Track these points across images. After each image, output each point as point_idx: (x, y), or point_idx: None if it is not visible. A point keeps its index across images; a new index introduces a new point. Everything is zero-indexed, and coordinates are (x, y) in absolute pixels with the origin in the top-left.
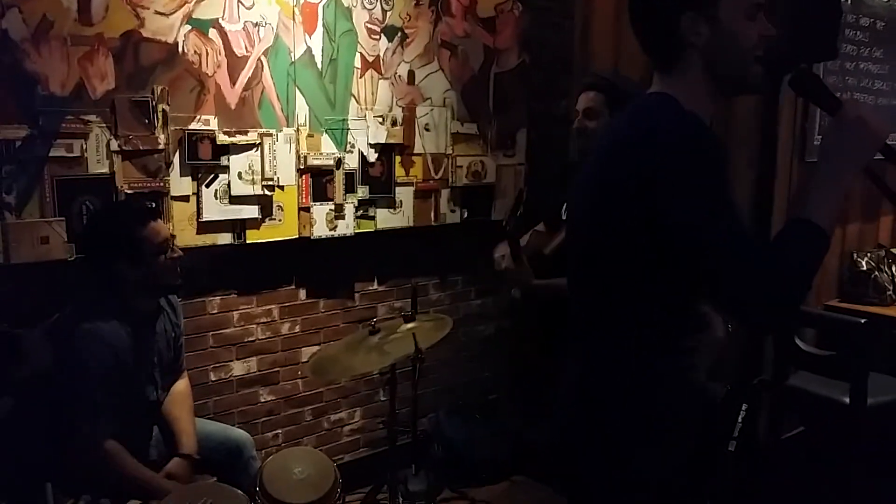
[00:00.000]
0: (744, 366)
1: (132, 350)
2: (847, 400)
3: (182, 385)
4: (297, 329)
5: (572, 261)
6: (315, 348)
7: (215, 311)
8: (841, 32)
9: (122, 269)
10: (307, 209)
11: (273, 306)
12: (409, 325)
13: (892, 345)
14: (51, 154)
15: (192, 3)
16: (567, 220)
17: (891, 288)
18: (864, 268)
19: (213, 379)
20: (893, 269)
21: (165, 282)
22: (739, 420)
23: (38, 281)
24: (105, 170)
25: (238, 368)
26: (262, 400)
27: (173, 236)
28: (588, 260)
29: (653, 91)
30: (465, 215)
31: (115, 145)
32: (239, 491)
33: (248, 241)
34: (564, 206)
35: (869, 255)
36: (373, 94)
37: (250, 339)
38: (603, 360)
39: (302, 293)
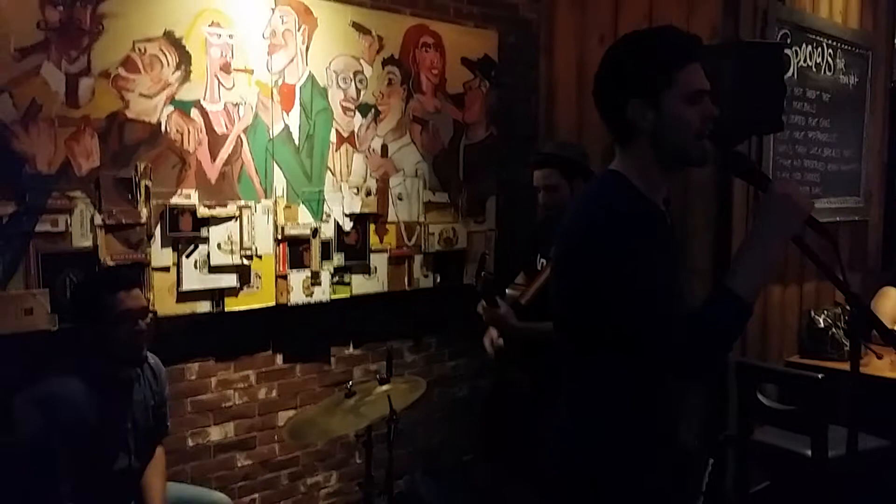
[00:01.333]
0: (709, 421)
1: (100, 415)
2: (809, 453)
3: (159, 455)
4: (274, 394)
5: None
6: (292, 412)
7: (193, 378)
8: (787, 106)
9: (99, 335)
10: (284, 277)
11: (250, 372)
12: (384, 388)
13: (851, 398)
14: (36, 229)
15: (175, 85)
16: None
17: (847, 344)
18: (822, 325)
19: (191, 445)
20: None
21: (140, 350)
22: (706, 475)
23: (23, 351)
24: (89, 243)
25: (215, 433)
26: (240, 465)
27: (150, 305)
28: (562, 318)
29: (610, 168)
30: (438, 280)
31: (98, 220)
32: None
33: (226, 309)
34: (538, 257)
35: (826, 312)
36: (348, 166)
37: (228, 404)
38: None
39: (279, 358)
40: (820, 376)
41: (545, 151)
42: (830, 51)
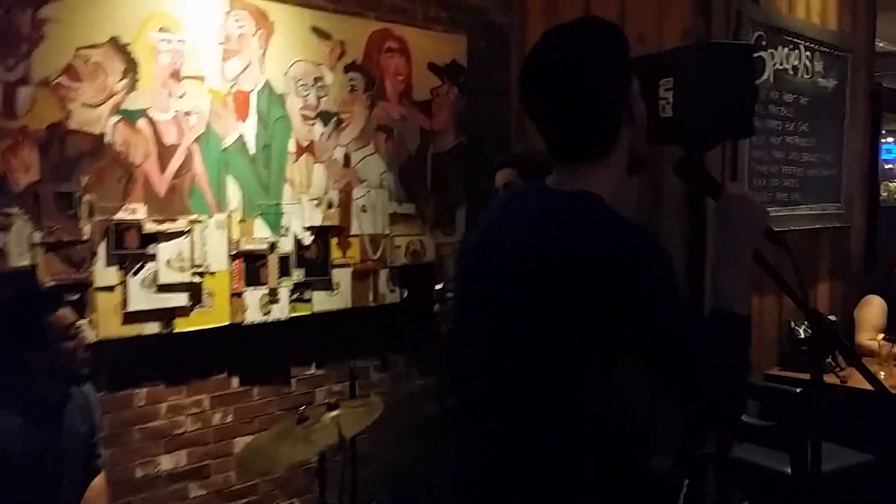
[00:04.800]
0: (685, 439)
1: (23, 441)
2: (789, 470)
3: (97, 483)
4: (230, 419)
5: (472, 347)
6: (249, 438)
7: (142, 404)
8: (762, 110)
9: (27, 356)
10: (239, 295)
11: (204, 396)
12: (333, 414)
13: (833, 412)
14: None
15: (121, 94)
16: (465, 307)
17: (848, 345)
18: (802, 335)
19: (140, 475)
20: None
21: (71, 369)
22: (681, 498)
23: None
24: (27, 262)
25: (166, 462)
26: (193, 495)
27: (80, 324)
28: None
29: (575, 189)
30: (405, 295)
31: (37, 237)
32: None
33: (176, 330)
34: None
35: (806, 323)
36: (308, 177)
37: (179, 431)
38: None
39: (235, 381)
40: (798, 390)
41: (511, 153)
42: (808, 53)
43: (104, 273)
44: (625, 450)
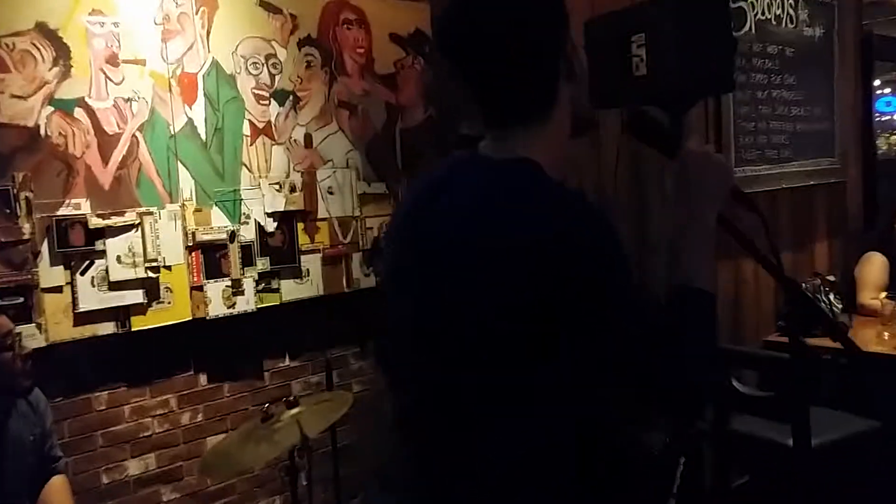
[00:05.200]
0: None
1: None
2: (790, 441)
3: (56, 484)
4: (200, 418)
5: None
6: (222, 436)
7: (103, 408)
8: (745, 63)
9: None
10: (200, 288)
11: (170, 396)
12: (294, 411)
13: (836, 376)
14: None
15: (53, 83)
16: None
17: (829, 317)
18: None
19: (106, 481)
20: (831, 297)
21: (10, 382)
22: (678, 476)
23: None
24: None
25: (134, 467)
26: (165, 499)
27: (18, 332)
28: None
29: (510, 157)
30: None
31: None
32: None
33: (133, 329)
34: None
35: (804, 284)
36: (266, 160)
37: (146, 433)
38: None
39: (202, 378)
40: (788, 356)
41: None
42: (791, 1)
43: (49, 273)
44: (611, 441)
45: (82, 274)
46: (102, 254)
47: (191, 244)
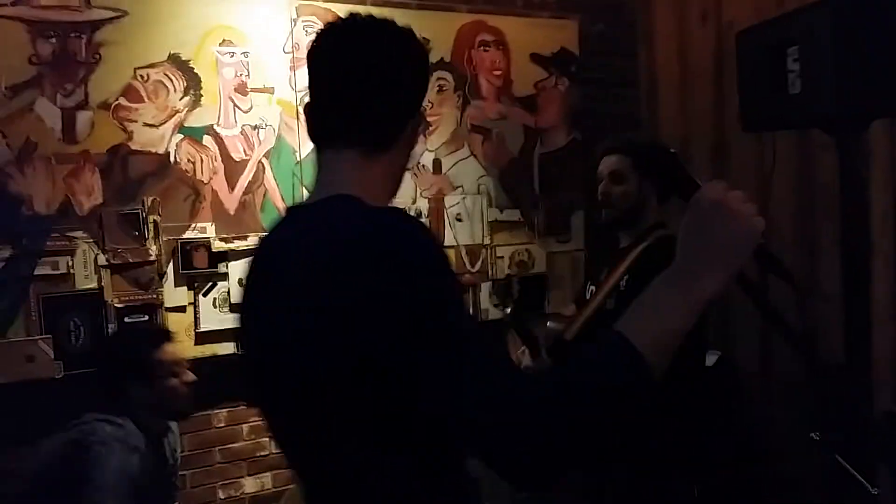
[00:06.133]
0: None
1: (143, 471)
2: None
3: None
4: None
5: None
6: None
7: (222, 425)
8: None
9: (133, 390)
10: None
11: None
12: None
13: None
14: (36, 272)
15: (184, 112)
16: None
17: None
18: None
19: (223, 497)
20: None
21: (175, 406)
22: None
23: (24, 401)
24: (93, 285)
25: (250, 485)
26: None
27: (184, 362)
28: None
29: (334, 195)
30: (511, 310)
31: (103, 260)
32: None
33: None
34: (588, 283)
35: None
36: None
37: (262, 453)
38: None
39: None
40: None
41: (622, 136)
42: None
43: (174, 293)
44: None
45: (205, 295)
46: (225, 276)
47: None
